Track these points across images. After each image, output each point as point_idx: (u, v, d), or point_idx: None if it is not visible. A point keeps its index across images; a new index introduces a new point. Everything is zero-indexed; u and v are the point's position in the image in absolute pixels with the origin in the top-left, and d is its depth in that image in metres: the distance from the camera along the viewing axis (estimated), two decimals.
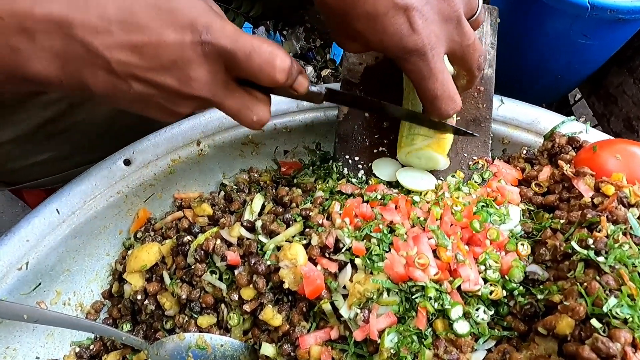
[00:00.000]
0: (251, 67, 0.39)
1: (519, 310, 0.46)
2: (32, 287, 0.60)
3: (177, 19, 0.37)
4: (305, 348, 0.49)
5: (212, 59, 0.38)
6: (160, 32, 0.36)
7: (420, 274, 0.46)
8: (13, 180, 0.77)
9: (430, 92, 0.48)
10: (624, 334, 0.37)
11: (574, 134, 0.66)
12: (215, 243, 0.57)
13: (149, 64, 0.37)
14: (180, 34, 0.37)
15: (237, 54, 0.38)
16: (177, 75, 0.38)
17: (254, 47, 0.38)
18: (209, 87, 0.39)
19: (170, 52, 0.37)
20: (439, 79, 0.47)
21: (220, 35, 0.37)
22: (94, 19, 0.35)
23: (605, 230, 0.46)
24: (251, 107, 0.42)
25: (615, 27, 0.80)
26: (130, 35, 0.36)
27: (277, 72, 0.39)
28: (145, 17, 0.36)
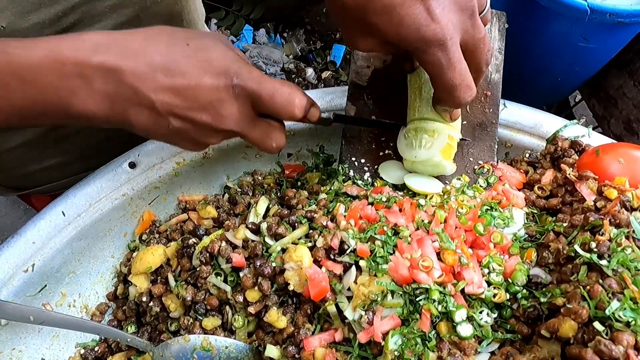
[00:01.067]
0: (274, 106, 0.46)
1: (522, 313, 0.47)
2: (38, 289, 0.60)
3: (212, 67, 0.44)
4: (309, 350, 0.50)
5: (242, 99, 0.45)
6: (198, 77, 0.43)
7: (424, 277, 0.47)
8: (22, 185, 0.79)
9: (449, 81, 0.48)
10: (626, 337, 0.37)
11: (577, 138, 0.66)
12: (220, 245, 0.57)
13: (188, 104, 0.44)
14: (216, 79, 0.44)
15: (262, 95, 0.45)
16: (212, 113, 0.45)
17: (276, 89, 0.45)
18: (238, 122, 0.46)
19: (206, 94, 0.44)
20: (457, 68, 0.48)
21: (248, 79, 0.45)
22: (142, 66, 0.42)
23: (608, 234, 0.47)
24: (271, 135, 0.50)
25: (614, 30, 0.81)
26: (173, 80, 0.43)
27: (296, 110, 0.47)
28: (186, 64, 0.43)
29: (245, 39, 2.18)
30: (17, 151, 0.69)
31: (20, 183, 0.78)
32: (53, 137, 0.69)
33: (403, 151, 0.62)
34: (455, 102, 0.51)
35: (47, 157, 0.73)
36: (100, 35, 0.43)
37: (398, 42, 0.48)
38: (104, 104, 0.43)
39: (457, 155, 0.63)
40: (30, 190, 0.79)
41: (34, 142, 0.68)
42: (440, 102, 0.55)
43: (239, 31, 2.15)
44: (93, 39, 0.42)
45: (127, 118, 0.44)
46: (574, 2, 0.78)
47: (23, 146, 0.68)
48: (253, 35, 2.20)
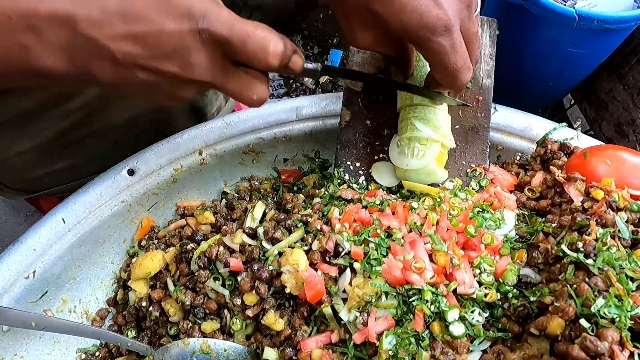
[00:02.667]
0: (246, 53, 0.40)
1: (513, 312, 0.48)
2: (39, 295, 0.61)
3: (174, 9, 0.38)
4: (306, 352, 0.51)
5: (210, 45, 0.40)
6: (159, 22, 0.38)
7: (417, 278, 0.48)
8: (31, 188, 0.79)
9: (453, 65, 0.49)
10: (611, 333, 0.39)
11: (566, 140, 0.68)
12: (218, 250, 0.58)
13: (151, 53, 0.39)
14: (179, 22, 0.38)
15: (232, 40, 0.39)
16: (179, 62, 0.40)
17: (248, 33, 0.39)
18: (209, 71, 0.41)
19: (170, 40, 0.38)
20: (460, 52, 0.48)
21: (216, 22, 0.39)
22: (96, 13, 0.37)
23: (594, 234, 0.48)
24: (251, 87, 0.44)
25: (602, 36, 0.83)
26: (132, 26, 0.38)
27: (270, 56, 0.40)
28: (145, 8, 0.38)
29: None
30: (26, 155, 0.69)
31: (29, 186, 0.79)
32: (62, 141, 0.70)
33: (395, 159, 0.63)
34: (457, 84, 0.51)
35: (55, 161, 0.73)
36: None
37: (400, 31, 0.47)
38: (61, 57, 0.38)
39: (449, 159, 0.65)
40: (39, 194, 0.80)
41: (43, 146, 0.69)
42: (440, 85, 0.55)
43: None
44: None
45: (89, 72, 0.39)
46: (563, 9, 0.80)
47: (32, 150, 0.69)
48: None
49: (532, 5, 0.82)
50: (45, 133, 0.68)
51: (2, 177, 0.78)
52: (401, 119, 0.64)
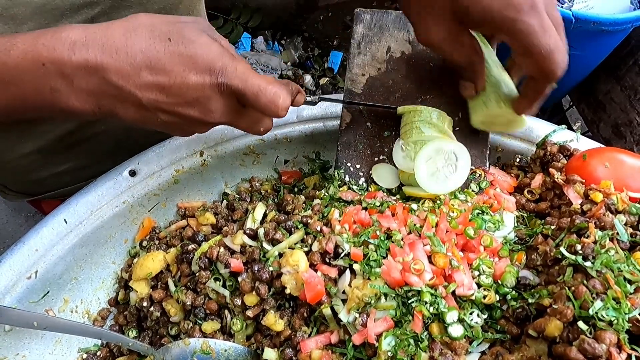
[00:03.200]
0: (258, 104, 0.46)
1: (512, 313, 0.48)
2: (41, 295, 0.62)
3: (196, 64, 0.43)
4: (306, 352, 0.51)
5: (227, 95, 0.45)
6: (183, 75, 0.43)
7: (416, 279, 0.48)
8: (34, 190, 0.80)
9: (546, 46, 0.45)
10: (609, 336, 0.39)
11: (565, 142, 0.68)
12: (218, 251, 0.58)
13: (174, 101, 0.44)
14: (201, 76, 0.43)
15: (246, 93, 0.45)
16: (199, 109, 0.45)
17: (261, 89, 0.45)
18: (225, 115, 0.47)
19: (192, 91, 0.43)
20: (551, 32, 0.45)
21: (233, 77, 0.44)
22: (124, 65, 0.41)
23: (593, 236, 0.48)
24: (259, 123, 0.51)
25: (599, 38, 0.83)
26: (158, 77, 0.42)
27: (279, 110, 0.46)
28: (170, 62, 0.42)
29: (244, 46, 2.20)
30: (29, 157, 0.70)
31: (32, 188, 0.80)
32: (65, 143, 0.71)
33: (400, 164, 0.63)
34: (551, 68, 0.46)
35: (59, 163, 0.74)
36: (78, 30, 0.42)
37: (482, 14, 0.45)
38: (89, 100, 0.43)
39: None
40: (41, 196, 0.80)
41: (46, 148, 0.69)
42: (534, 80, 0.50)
43: (237, 39, 2.18)
44: (71, 36, 0.41)
45: (114, 112, 0.44)
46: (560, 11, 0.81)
47: (35, 152, 0.69)
48: (251, 42, 2.23)
49: None
50: (48, 135, 0.68)
51: (4, 180, 0.78)
52: (404, 122, 0.65)
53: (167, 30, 0.43)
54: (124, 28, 0.42)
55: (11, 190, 0.80)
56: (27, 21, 0.51)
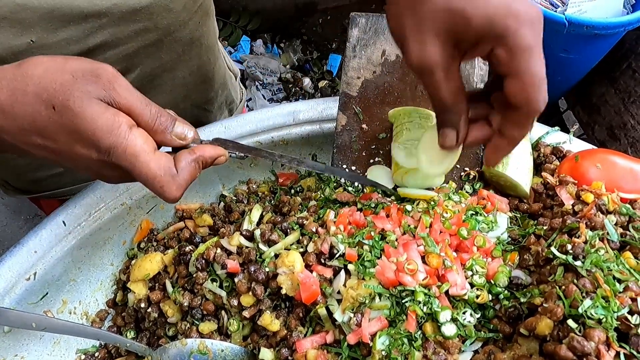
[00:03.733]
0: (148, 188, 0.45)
1: (504, 313, 0.49)
2: (40, 296, 0.62)
3: (82, 138, 0.41)
4: (302, 352, 0.52)
5: (119, 168, 0.44)
6: (70, 145, 0.42)
7: (410, 279, 0.49)
8: (33, 189, 0.81)
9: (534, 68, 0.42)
10: (597, 334, 0.40)
11: (558, 144, 0.69)
12: (215, 252, 0.59)
13: (67, 163, 0.44)
14: (87, 150, 0.42)
15: (135, 177, 0.44)
16: (94, 172, 0.45)
17: (148, 179, 0.44)
18: (123, 179, 0.46)
19: (82, 160, 0.43)
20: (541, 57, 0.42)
21: (122, 159, 0.42)
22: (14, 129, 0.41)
23: (583, 236, 0.49)
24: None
25: (592, 42, 0.84)
26: (46, 142, 0.42)
27: (167, 200, 0.46)
28: (55, 132, 0.41)
29: (243, 49, 2.21)
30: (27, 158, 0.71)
31: (31, 187, 0.80)
32: None
33: (404, 162, 0.62)
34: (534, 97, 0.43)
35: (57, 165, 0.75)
36: None
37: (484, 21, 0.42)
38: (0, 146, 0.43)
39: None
40: (40, 195, 0.81)
41: None
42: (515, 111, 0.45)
43: (236, 42, 2.19)
44: None
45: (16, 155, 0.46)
46: (553, 15, 0.82)
47: None
48: (250, 45, 2.24)
49: None
50: None
51: (7, 176, 0.79)
52: (395, 125, 0.66)
53: (54, 95, 0.41)
54: (11, 89, 0.41)
55: (12, 186, 0.81)
56: (34, 26, 0.52)
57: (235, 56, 2.18)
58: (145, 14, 0.59)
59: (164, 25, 0.62)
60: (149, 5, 0.58)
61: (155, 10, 0.59)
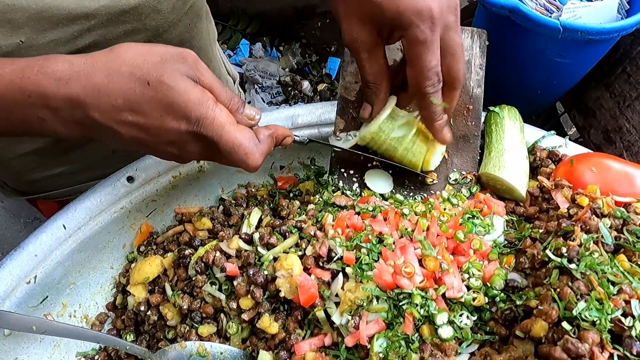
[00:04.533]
0: (230, 159, 0.49)
1: (500, 315, 0.49)
2: (40, 300, 0.62)
3: (173, 111, 0.44)
4: (300, 354, 0.52)
5: (203, 140, 0.47)
6: (161, 119, 0.45)
7: (407, 282, 0.49)
8: (31, 190, 0.81)
9: (426, 61, 0.52)
10: (591, 335, 0.40)
11: (554, 148, 0.70)
12: (214, 255, 0.60)
13: (154, 139, 0.46)
14: (177, 122, 0.45)
15: (220, 147, 0.47)
16: (177, 148, 0.48)
17: (234, 146, 0.47)
18: (203, 156, 0.50)
19: (170, 134, 0.46)
20: (435, 52, 0.52)
21: (209, 129, 0.46)
22: (106, 105, 0.43)
23: (578, 239, 0.50)
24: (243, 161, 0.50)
25: (587, 47, 0.85)
26: (137, 118, 0.44)
27: (249, 169, 0.49)
28: (148, 107, 0.44)
29: (242, 52, 2.22)
30: (25, 158, 0.71)
31: (29, 188, 0.81)
32: (61, 147, 0.72)
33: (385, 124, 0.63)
34: (423, 82, 0.54)
35: (54, 166, 0.75)
36: (63, 65, 0.43)
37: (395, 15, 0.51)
38: (74, 128, 0.45)
39: (440, 167, 0.67)
40: (37, 196, 0.81)
41: (42, 150, 0.70)
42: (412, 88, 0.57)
43: (235, 45, 2.20)
44: (56, 71, 0.43)
45: (100, 139, 0.47)
46: (548, 21, 0.83)
47: (32, 154, 0.70)
48: (250, 49, 2.25)
49: (519, 17, 0.85)
50: (45, 138, 0.69)
51: (4, 177, 0.80)
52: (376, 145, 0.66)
53: (147, 72, 0.44)
54: (107, 69, 0.44)
55: (9, 187, 0.81)
56: (23, 26, 0.53)
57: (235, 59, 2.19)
58: (133, 15, 0.59)
59: (153, 27, 0.63)
60: (138, 6, 0.59)
61: (143, 11, 0.60)
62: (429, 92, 0.55)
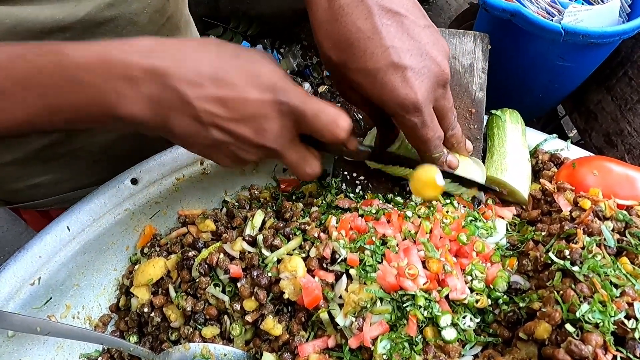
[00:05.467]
0: (317, 125, 0.46)
1: (503, 317, 0.50)
2: (44, 301, 0.63)
3: (260, 81, 0.44)
4: (304, 356, 0.52)
5: (285, 115, 0.45)
6: (246, 89, 0.43)
7: (410, 284, 0.50)
8: (12, 199, 0.80)
9: (423, 137, 0.53)
10: (595, 337, 0.40)
11: (556, 151, 0.70)
12: (218, 257, 0.60)
13: (231, 115, 0.43)
14: (262, 93, 0.44)
15: (306, 113, 0.45)
16: (254, 127, 0.45)
17: (321, 109, 0.45)
18: (277, 139, 0.46)
19: (251, 107, 0.44)
20: (430, 126, 0.52)
21: (294, 97, 0.45)
22: (189, 73, 0.42)
23: (581, 242, 0.50)
24: (308, 160, 0.50)
25: (588, 50, 0.86)
26: (220, 90, 0.42)
27: (340, 130, 0.46)
28: (235, 76, 0.43)
29: None
30: (6, 167, 0.70)
31: (10, 197, 0.79)
32: (42, 157, 0.71)
33: None
34: (427, 151, 0.56)
35: (35, 176, 0.74)
36: (150, 40, 0.43)
37: (379, 103, 0.51)
38: (147, 107, 0.43)
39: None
40: (18, 205, 0.80)
41: (23, 160, 0.70)
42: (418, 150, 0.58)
43: None
44: (144, 43, 0.42)
45: (167, 124, 0.44)
46: (549, 24, 0.84)
47: (12, 163, 0.69)
48: None
49: (520, 20, 0.85)
50: (24, 147, 0.68)
51: None
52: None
53: (235, 49, 0.44)
54: (196, 42, 0.44)
55: None
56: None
57: None
58: (110, 28, 0.59)
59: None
60: (114, 19, 0.58)
61: (120, 23, 0.59)
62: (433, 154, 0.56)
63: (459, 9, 2.29)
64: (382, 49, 0.48)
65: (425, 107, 0.50)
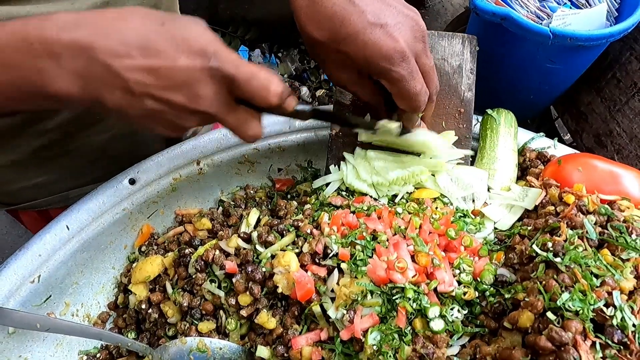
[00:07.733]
0: (250, 90, 0.45)
1: (490, 309, 0.51)
2: (43, 299, 0.64)
3: (190, 47, 0.42)
4: (297, 349, 0.54)
5: (218, 80, 0.44)
6: (174, 56, 0.42)
7: (400, 277, 0.51)
8: (9, 201, 0.81)
9: (412, 90, 0.54)
10: (574, 324, 0.42)
11: (543, 149, 0.72)
12: (214, 253, 0.61)
13: (163, 84, 0.42)
14: (192, 59, 0.42)
15: (238, 78, 0.44)
16: (187, 94, 0.43)
17: (253, 74, 0.44)
18: (213, 104, 0.45)
19: (182, 74, 0.42)
20: (417, 77, 0.54)
21: (225, 61, 0.43)
22: (115, 44, 0.40)
23: (564, 235, 0.52)
24: (248, 123, 0.49)
25: (576, 53, 0.88)
26: (148, 59, 0.41)
27: (271, 95, 0.45)
28: (162, 44, 0.41)
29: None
30: (3, 169, 0.71)
31: (7, 199, 0.80)
32: (39, 158, 0.72)
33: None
34: (417, 106, 0.57)
35: (31, 176, 0.75)
36: (69, 14, 0.41)
37: (366, 65, 0.53)
38: (76, 83, 0.41)
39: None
40: (16, 207, 0.81)
41: (19, 161, 0.71)
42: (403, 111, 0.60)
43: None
44: (62, 18, 0.40)
45: (100, 98, 0.42)
46: (538, 27, 0.86)
47: (9, 165, 0.71)
48: (249, 55, 2.28)
49: (510, 24, 0.88)
50: (21, 149, 0.69)
51: None
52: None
53: (160, 16, 0.42)
54: (117, 12, 0.42)
55: None
56: None
57: None
58: None
59: None
60: None
61: None
62: (421, 108, 0.58)
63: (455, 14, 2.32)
64: (358, 13, 0.51)
65: (410, 56, 0.52)
